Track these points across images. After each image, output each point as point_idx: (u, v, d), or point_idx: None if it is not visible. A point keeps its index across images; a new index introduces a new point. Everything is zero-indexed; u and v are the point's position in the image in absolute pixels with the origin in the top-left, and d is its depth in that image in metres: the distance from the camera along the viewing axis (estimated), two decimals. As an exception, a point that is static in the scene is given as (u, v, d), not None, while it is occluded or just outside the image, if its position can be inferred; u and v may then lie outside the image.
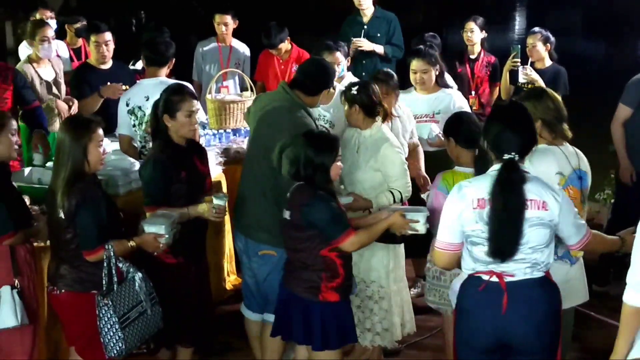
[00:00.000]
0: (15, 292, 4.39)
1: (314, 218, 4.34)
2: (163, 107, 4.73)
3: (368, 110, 5.14)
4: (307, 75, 5.08)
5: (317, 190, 4.37)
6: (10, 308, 4.36)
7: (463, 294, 3.88)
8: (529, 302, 3.74)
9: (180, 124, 4.71)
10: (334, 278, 4.44)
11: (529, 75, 7.34)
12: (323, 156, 4.39)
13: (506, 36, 12.22)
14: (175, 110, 4.70)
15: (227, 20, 8.33)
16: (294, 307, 4.52)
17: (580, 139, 4.50)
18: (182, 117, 4.71)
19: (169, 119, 4.71)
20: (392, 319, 5.25)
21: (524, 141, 3.76)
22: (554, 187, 3.85)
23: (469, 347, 3.85)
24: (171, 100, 4.72)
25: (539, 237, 3.72)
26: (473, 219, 3.72)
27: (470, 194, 3.74)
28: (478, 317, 3.79)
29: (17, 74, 6.35)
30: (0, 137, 4.49)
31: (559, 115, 4.35)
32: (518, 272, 3.73)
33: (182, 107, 4.70)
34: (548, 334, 3.78)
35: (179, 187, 4.68)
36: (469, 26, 7.93)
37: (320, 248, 4.40)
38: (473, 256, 3.78)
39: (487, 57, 7.99)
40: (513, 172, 3.68)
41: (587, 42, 12.35)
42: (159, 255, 4.64)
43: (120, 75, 6.83)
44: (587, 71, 10.03)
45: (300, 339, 4.57)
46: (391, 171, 5.10)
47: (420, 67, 6.13)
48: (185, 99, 4.74)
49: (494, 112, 4.11)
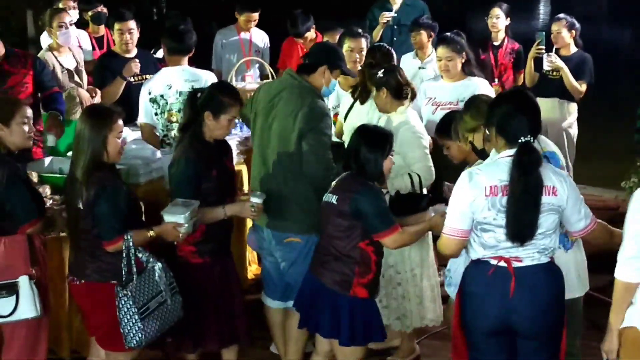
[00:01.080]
0: (32, 283, 4.37)
1: (362, 207, 4.28)
2: (209, 103, 4.61)
3: (396, 92, 5.15)
4: (308, 55, 5.14)
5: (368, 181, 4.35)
6: (29, 298, 4.35)
7: (470, 278, 3.90)
8: (535, 287, 3.79)
9: (220, 126, 4.63)
10: (366, 274, 4.38)
11: (554, 63, 7.27)
12: (376, 152, 4.36)
13: (531, 23, 12.11)
14: (221, 111, 4.60)
15: (256, 17, 8.31)
16: (322, 300, 4.45)
17: (607, 127, 4.44)
18: (224, 120, 4.63)
19: (212, 118, 4.61)
20: (407, 306, 5.20)
21: (534, 124, 3.77)
22: (562, 172, 3.88)
23: (475, 330, 3.90)
24: (221, 101, 4.62)
25: (549, 222, 3.76)
26: (485, 206, 3.73)
27: (482, 182, 3.74)
28: (485, 301, 3.83)
29: (37, 59, 6.34)
30: (12, 126, 4.45)
31: None
32: (526, 257, 3.77)
33: (229, 111, 4.61)
34: (553, 318, 3.85)
35: (209, 186, 4.60)
36: (494, 12, 7.85)
37: (359, 239, 4.34)
38: (482, 242, 3.80)
39: (511, 44, 7.91)
40: (531, 154, 3.68)
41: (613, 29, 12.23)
42: (185, 255, 4.62)
43: (144, 63, 6.80)
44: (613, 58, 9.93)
45: (327, 333, 4.49)
46: (410, 153, 5.08)
47: (445, 54, 6.08)
48: (235, 104, 4.64)
49: (499, 98, 4.06)
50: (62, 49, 6.83)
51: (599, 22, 12.36)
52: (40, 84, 6.13)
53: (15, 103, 4.65)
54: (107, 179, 4.30)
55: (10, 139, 4.45)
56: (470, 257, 3.90)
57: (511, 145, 3.74)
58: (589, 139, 8.29)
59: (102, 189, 4.25)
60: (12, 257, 4.38)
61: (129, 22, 6.88)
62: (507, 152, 3.75)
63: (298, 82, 4.91)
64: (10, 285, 4.33)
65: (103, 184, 4.26)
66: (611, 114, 10.14)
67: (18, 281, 4.34)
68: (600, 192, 8.10)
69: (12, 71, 6.01)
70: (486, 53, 7.83)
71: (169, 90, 5.74)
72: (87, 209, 4.29)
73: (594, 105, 4.78)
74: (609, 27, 13.13)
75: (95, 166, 4.28)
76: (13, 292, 4.33)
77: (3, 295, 4.32)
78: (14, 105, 4.54)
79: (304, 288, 4.60)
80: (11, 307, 4.32)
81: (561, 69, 7.23)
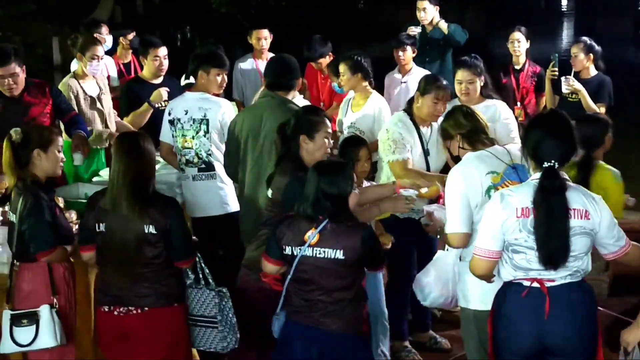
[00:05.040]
0: (54, 312, 4.41)
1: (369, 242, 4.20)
2: (300, 128, 4.58)
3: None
4: (279, 74, 5.25)
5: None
6: (49, 328, 4.38)
7: (503, 300, 3.90)
8: (570, 305, 3.79)
9: (318, 146, 4.58)
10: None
11: (572, 86, 7.24)
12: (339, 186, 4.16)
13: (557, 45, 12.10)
14: (314, 130, 4.57)
15: (265, 34, 8.25)
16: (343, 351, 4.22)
17: (632, 148, 4.44)
18: (320, 139, 4.59)
19: (307, 140, 4.58)
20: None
21: (563, 149, 3.78)
22: (594, 195, 3.86)
23: (510, 352, 3.88)
24: (310, 120, 4.60)
25: (581, 245, 3.76)
26: (517, 227, 3.75)
27: (514, 203, 3.76)
28: (521, 323, 3.82)
29: (52, 86, 6.34)
30: (48, 153, 4.53)
31: (474, 127, 4.54)
32: (558, 278, 3.78)
33: (322, 127, 4.59)
34: (589, 335, 3.85)
35: None
36: (514, 36, 7.86)
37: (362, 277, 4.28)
38: (514, 264, 3.82)
39: (533, 67, 7.91)
40: (554, 180, 3.70)
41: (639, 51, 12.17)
42: (269, 281, 4.49)
43: (170, 90, 6.85)
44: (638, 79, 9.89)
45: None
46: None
47: (466, 77, 6.07)
48: (323, 120, 4.63)
49: (533, 120, 4.10)
50: (87, 76, 6.86)
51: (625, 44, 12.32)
52: (58, 110, 6.12)
53: (53, 130, 4.72)
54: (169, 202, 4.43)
55: (45, 165, 4.52)
56: (502, 278, 3.90)
57: (539, 168, 3.77)
58: (614, 161, 8.24)
59: (175, 214, 4.35)
60: (35, 284, 4.43)
61: (163, 48, 6.96)
62: (537, 174, 3.79)
63: (277, 99, 5.11)
64: (31, 315, 4.37)
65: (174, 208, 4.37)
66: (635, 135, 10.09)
67: (39, 310, 4.38)
68: (625, 214, 8.03)
69: (33, 102, 5.98)
70: (508, 77, 7.84)
71: (185, 116, 5.78)
72: (159, 235, 4.26)
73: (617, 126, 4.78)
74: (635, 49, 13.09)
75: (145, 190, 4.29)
76: (34, 322, 4.36)
77: (24, 324, 4.36)
78: (53, 133, 4.63)
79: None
80: (31, 337, 4.36)
81: (579, 91, 7.20)
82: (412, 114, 5.55)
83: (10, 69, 5.77)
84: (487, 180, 4.27)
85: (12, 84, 5.81)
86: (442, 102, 5.50)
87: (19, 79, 5.83)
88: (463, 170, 4.30)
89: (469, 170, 4.28)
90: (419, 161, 5.49)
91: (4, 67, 5.76)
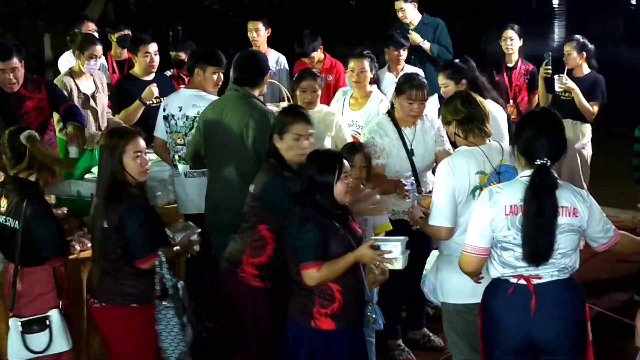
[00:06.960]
0: (62, 315, 4.40)
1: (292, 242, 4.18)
2: (274, 127, 4.64)
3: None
4: (246, 71, 5.30)
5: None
6: (62, 332, 4.37)
7: (490, 297, 3.92)
8: (557, 303, 3.81)
9: (288, 146, 4.55)
10: (330, 303, 4.14)
11: (565, 84, 7.26)
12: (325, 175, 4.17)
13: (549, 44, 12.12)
14: (283, 130, 4.57)
15: (259, 26, 8.27)
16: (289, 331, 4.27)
17: (623, 147, 4.45)
18: (289, 139, 4.55)
19: (278, 139, 4.59)
20: None
21: (554, 147, 3.80)
22: (582, 192, 3.89)
23: (498, 349, 3.90)
24: (281, 120, 4.62)
25: (569, 242, 3.79)
26: (505, 225, 3.77)
27: (502, 200, 3.78)
28: (507, 320, 3.84)
29: (48, 81, 6.44)
30: None
31: (472, 115, 4.43)
32: (545, 275, 3.80)
33: (291, 129, 4.55)
34: (577, 333, 3.87)
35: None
36: (507, 34, 7.88)
37: None
38: (502, 261, 3.84)
39: (525, 66, 7.93)
40: (545, 177, 3.72)
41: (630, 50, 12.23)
42: (246, 277, 4.55)
43: (162, 86, 6.86)
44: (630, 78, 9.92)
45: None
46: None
47: (440, 81, 6.05)
48: (294, 120, 4.58)
49: (525, 118, 4.10)
50: (84, 74, 6.86)
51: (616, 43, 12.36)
52: (54, 102, 6.20)
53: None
54: (132, 199, 4.31)
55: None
56: (491, 275, 3.92)
57: (530, 165, 3.78)
58: (605, 160, 8.27)
59: (128, 210, 4.26)
60: (41, 288, 4.40)
61: (154, 44, 6.97)
62: (527, 172, 3.80)
63: (241, 93, 5.16)
64: (41, 320, 4.35)
65: (128, 204, 4.27)
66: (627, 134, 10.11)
67: (49, 315, 4.36)
68: (616, 212, 8.06)
69: (29, 96, 6.10)
70: (500, 75, 7.86)
71: (179, 112, 5.78)
72: (112, 230, 4.29)
73: (609, 125, 4.79)
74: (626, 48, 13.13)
75: (118, 187, 4.30)
76: (45, 327, 4.34)
77: (35, 331, 4.34)
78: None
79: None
80: (45, 343, 4.35)
81: (572, 90, 7.23)
82: (394, 115, 5.54)
83: (11, 64, 5.95)
84: (475, 179, 4.29)
85: (13, 79, 5.97)
86: (417, 102, 5.40)
87: (19, 74, 6.00)
88: (455, 163, 4.31)
89: (461, 165, 4.29)
90: (403, 162, 5.44)
91: (6, 62, 5.93)
